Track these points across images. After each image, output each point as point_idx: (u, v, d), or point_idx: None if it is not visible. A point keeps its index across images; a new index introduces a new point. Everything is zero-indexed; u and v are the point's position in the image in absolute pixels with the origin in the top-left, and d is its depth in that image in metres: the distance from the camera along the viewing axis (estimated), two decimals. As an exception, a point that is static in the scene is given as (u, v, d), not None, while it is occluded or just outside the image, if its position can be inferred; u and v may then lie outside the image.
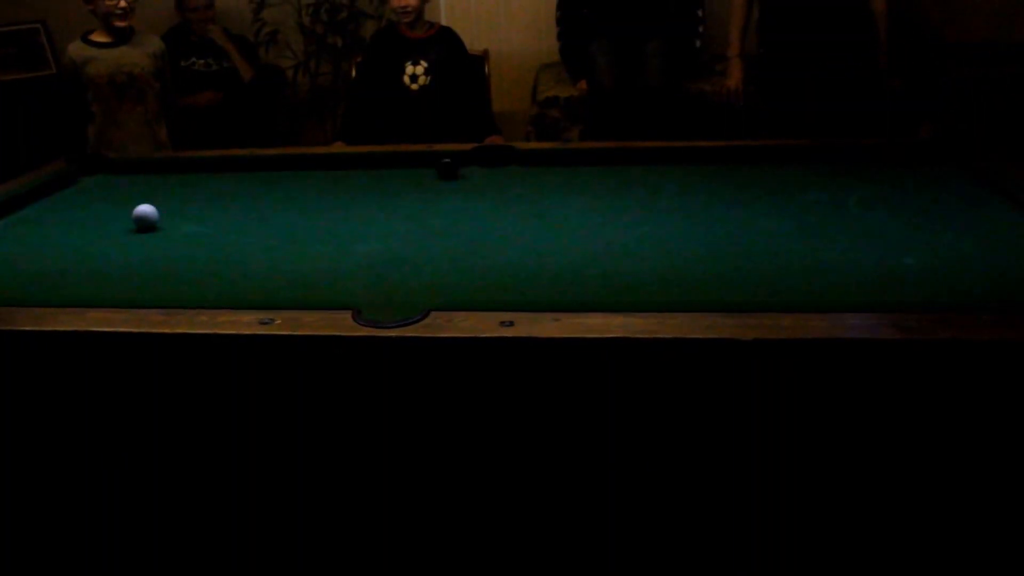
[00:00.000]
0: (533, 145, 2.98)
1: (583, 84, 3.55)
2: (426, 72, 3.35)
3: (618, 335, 1.26)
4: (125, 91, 2.98)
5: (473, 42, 3.64)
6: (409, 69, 3.34)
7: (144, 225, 1.86)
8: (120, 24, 2.92)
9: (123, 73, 2.97)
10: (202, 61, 3.72)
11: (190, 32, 3.74)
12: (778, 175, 2.12)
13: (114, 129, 2.98)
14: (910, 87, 3.32)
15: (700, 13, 3.61)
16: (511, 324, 1.28)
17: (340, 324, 1.31)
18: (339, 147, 3.11)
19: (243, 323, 1.33)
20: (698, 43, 3.62)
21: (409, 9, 3.29)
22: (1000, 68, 3.46)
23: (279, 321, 1.32)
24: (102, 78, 2.95)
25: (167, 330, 1.33)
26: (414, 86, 3.35)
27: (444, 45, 3.40)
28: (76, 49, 2.98)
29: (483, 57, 3.72)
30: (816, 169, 2.14)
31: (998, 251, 1.59)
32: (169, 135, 3.16)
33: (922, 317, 1.27)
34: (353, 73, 3.67)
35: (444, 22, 3.69)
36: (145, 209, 1.86)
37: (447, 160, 1.74)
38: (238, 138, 3.41)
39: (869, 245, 1.64)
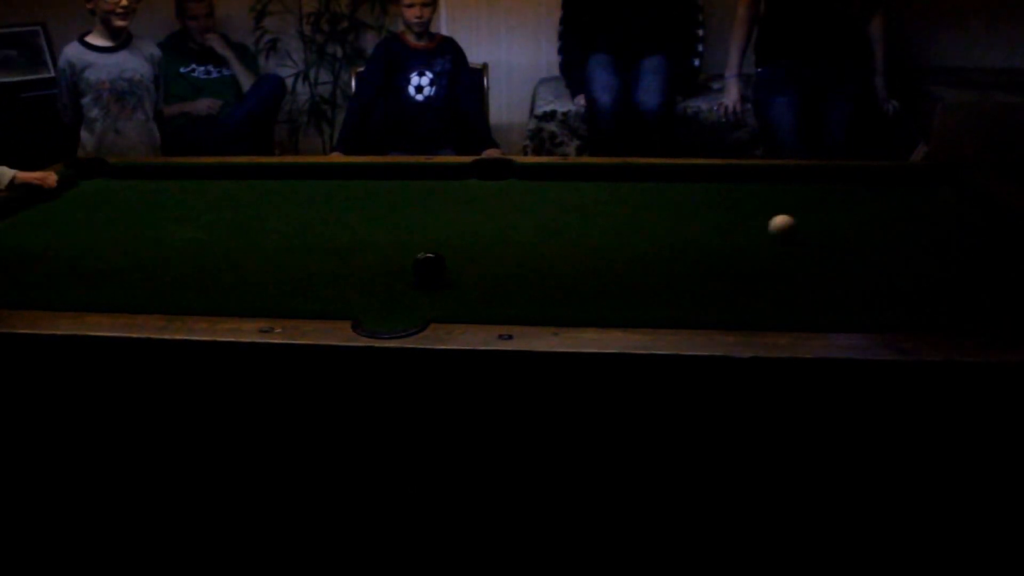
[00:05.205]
0: (532, 159, 2.99)
1: (581, 99, 3.58)
2: (431, 83, 3.37)
3: (616, 350, 1.27)
4: (126, 97, 2.96)
5: (473, 55, 3.66)
6: (415, 79, 3.36)
7: (787, 232, 1.74)
8: (121, 24, 2.89)
9: (124, 80, 2.95)
10: (202, 68, 3.74)
11: (190, 39, 3.75)
12: (775, 194, 2.14)
13: (114, 135, 2.97)
14: (905, 109, 3.36)
15: (700, 33, 3.65)
16: (510, 337, 1.29)
17: (339, 334, 1.32)
18: (337, 157, 3.12)
19: (243, 331, 1.33)
20: (696, 62, 3.66)
21: (424, 19, 3.32)
22: (991, 92, 3.51)
23: (279, 330, 1.33)
24: (103, 84, 2.93)
25: (166, 336, 1.33)
26: (419, 96, 3.37)
27: (448, 55, 3.43)
28: (74, 52, 2.95)
29: (482, 70, 3.75)
30: (812, 189, 2.16)
31: (990, 272, 1.61)
32: (161, 140, 3.16)
33: (916, 338, 1.28)
34: (353, 83, 3.68)
35: (445, 34, 3.71)
36: (784, 220, 1.74)
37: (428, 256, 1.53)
38: (238, 145, 3.42)
39: (865, 265, 1.65)
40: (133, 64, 2.97)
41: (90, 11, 2.93)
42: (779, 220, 1.76)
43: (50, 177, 2.16)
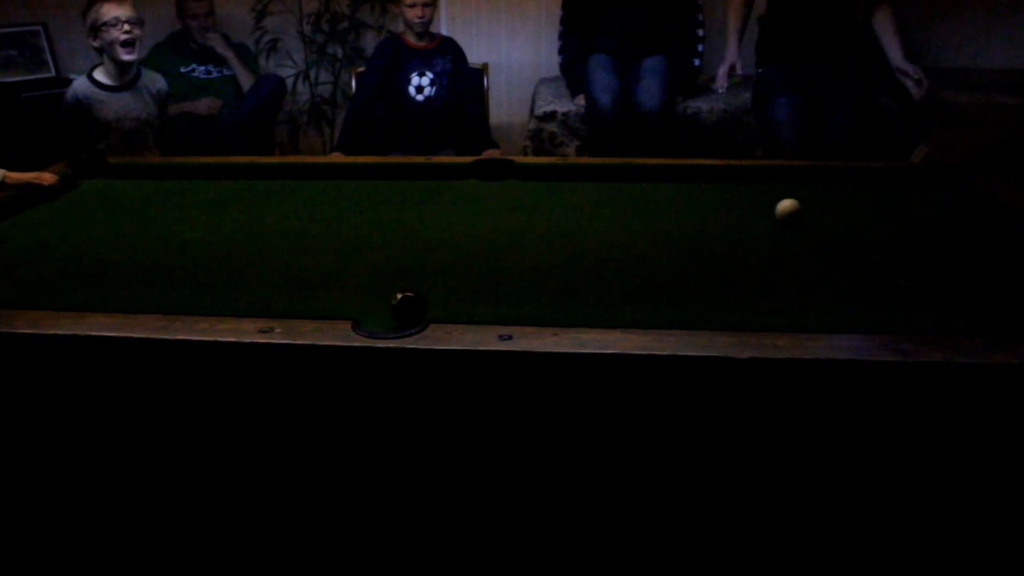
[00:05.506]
0: (531, 159, 2.99)
1: (581, 99, 3.58)
2: (432, 83, 3.37)
3: (615, 351, 1.27)
4: (132, 136, 2.97)
5: (473, 55, 3.67)
6: (415, 79, 3.36)
7: (792, 216, 1.76)
8: (127, 59, 2.87)
9: (130, 119, 2.96)
10: (202, 68, 3.74)
11: (190, 39, 3.76)
12: (775, 195, 2.14)
13: None
14: (905, 109, 3.36)
15: (700, 33, 3.65)
16: (509, 338, 1.29)
17: (339, 334, 1.32)
18: (337, 157, 3.12)
19: (243, 331, 1.33)
20: (697, 62, 3.66)
21: (426, 19, 3.32)
22: (991, 92, 3.51)
23: (279, 330, 1.33)
24: (109, 124, 2.94)
25: (167, 336, 1.34)
26: (419, 96, 3.37)
27: (448, 55, 3.43)
28: (83, 87, 2.94)
29: (482, 70, 3.75)
30: (812, 189, 2.16)
31: (990, 273, 1.61)
32: (160, 145, 3.16)
33: (915, 339, 1.29)
34: (353, 84, 3.69)
35: (445, 34, 3.71)
36: (790, 204, 1.76)
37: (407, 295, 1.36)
38: (238, 145, 3.43)
39: (864, 266, 1.66)
40: (139, 104, 2.97)
41: (96, 49, 2.91)
42: (786, 204, 1.81)
43: (45, 177, 2.15)
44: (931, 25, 3.87)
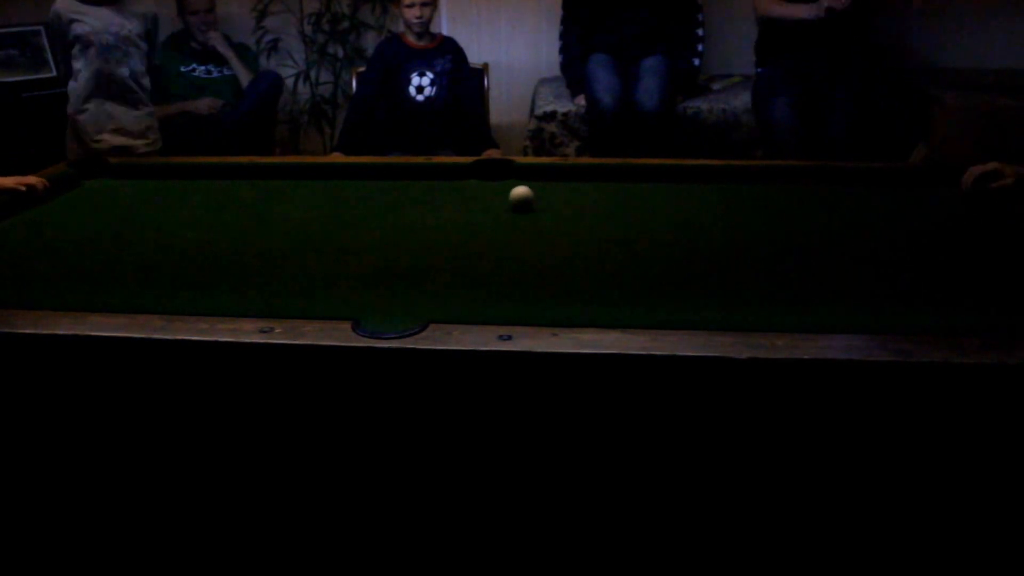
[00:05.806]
0: (531, 159, 2.99)
1: (581, 99, 3.58)
2: (432, 83, 3.37)
3: (614, 351, 1.27)
4: (111, 51, 2.93)
5: (473, 55, 3.67)
6: (415, 79, 3.37)
7: (524, 203, 1.77)
8: None
9: (111, 34, 2.91)
10: (203, 68, 3.75)
11: (191, 39, 3.77)
12: (774, 195, 2.14)
13: (96, 89, 2.95)
14: (904, 110, 3.37)
15: (700, 33, 3.66)
16: (509, 338, 1.29)
17: (339, 334, 1.32)
18: (338, 157, 3.12)
19: (243, 331, 1.33)
20: (697, 62, 3.66)
21: (424, 19, 3.33)
22: (991, 93, 3.52)
23: (279, 330, 1.33)
24: (89, 36, 2.90)
25: (167, 336, 1.34)
26: (419, 96, 3.37)
27: (448, 55, 3.43)
28: (64, 4, 2.91)
29: (483, 70, 3.75)
30: (812, 189, 2.17)
31: (989, 273, 1.61)
32: (160, 131, 3.14)
33: (915, 339, 1.29)
34: (353, 84, 3.69)
35: (445, 34, 3.72)
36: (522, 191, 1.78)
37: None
38: (238, 145, 3.43)
39: (863, 266, 1.66)
40: (121, 19, 2.93)
41: None
42: (519, 191, 1.89)
43: (28, 180, 2.07)
44: (932, 25, 3.88)
